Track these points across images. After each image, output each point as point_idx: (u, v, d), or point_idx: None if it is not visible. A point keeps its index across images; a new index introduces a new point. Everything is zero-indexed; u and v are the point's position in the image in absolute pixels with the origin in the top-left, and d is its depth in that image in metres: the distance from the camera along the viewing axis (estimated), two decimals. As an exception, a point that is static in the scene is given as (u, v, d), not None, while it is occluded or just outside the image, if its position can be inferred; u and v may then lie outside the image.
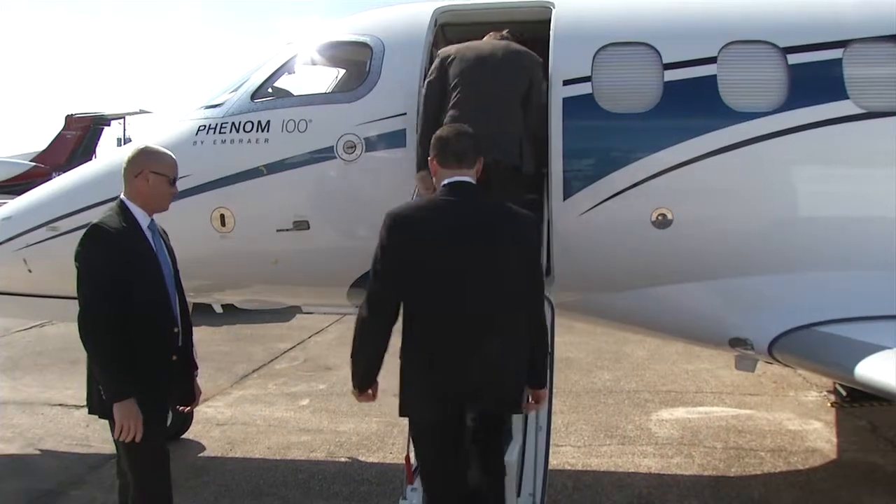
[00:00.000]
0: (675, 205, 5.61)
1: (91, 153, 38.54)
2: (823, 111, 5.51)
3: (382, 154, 5.78)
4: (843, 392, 8.33)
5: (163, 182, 4.26)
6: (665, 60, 5.64)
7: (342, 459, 7.17)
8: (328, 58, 6.49)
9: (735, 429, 7.83)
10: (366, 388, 4.08)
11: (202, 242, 5.96)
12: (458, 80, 5.22)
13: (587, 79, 5.66)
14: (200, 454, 7.26)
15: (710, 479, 6.62)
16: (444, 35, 6.35)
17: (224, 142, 5.93)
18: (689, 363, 10.30)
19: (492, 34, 5.59)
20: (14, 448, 7.50)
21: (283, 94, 6.24)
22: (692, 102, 5.66)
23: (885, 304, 5.39)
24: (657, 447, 7.35)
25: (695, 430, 7.79)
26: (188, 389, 4.53)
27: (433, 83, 5.34)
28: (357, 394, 4.10)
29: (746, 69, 5.66)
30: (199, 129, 6.02)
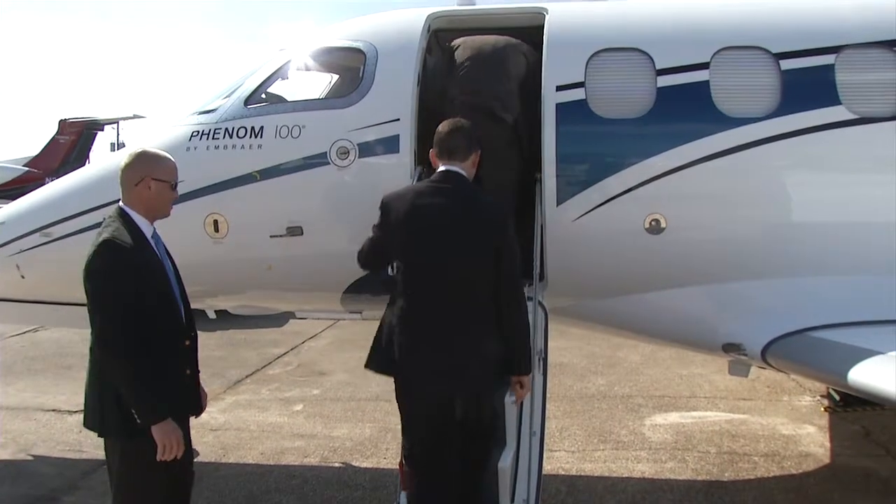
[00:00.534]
0: (669, 210, 5.61)
1: (84, 158, 38.62)
2: (816, 117, 5.52)
3: (376, 160, 5.76)
4: (837, 397, 8.36)
5: (165, 188, 4.10)
6: (658, 66, 5.65)
7: (336, 465, 7.17)
8: (321, 63, 6.47)
9: (729, 433, 7.84)
10: None
11: (195, 248, 5.94)
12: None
13: (580, 84, 5.67)
14: (194, 460, 7.21)
15: (704, 484, 6.63)
16: (438, 41, 6.36)
17: (217, 147, 5.91)
18: (683, 368, 10.30)
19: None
20: (6, 453, 7.48)
21: (277, 100, 6.23)
22: (685, 108, 5.67)
23: (879, 309, 5.40)
24: (651, 452, 7.36)
25: (688, 435, 7.79)
26: (197, 398, 4.44)
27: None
28: None
29: (739, 75, 5.66)
30: (193, 135, 6.00)
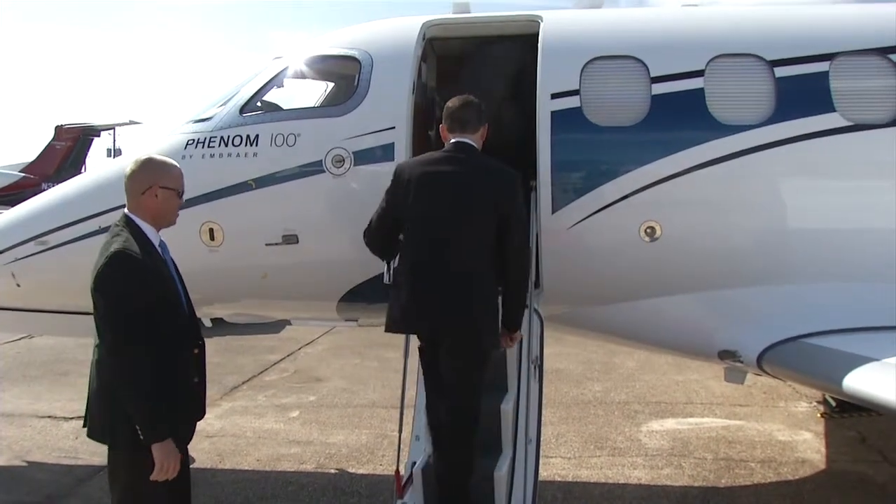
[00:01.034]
0: (664, 217, 5.62)
1: (81, 164, 38.64)
2: (810, 124, 5.53)
3: (371, 168, 5.76)
4: (833, 403, 8.37)
5: (172, 196, 4.05)
6: (653, 74, 5.66)
7: (332, 471, 7.17)
8: (317, 71, 6.47)
9: (725, 440, 7.85)
10: None
11: (191, 257, 5.90)
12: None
13: (575, 92, 5.67)
14: (190, 466, 7.21)
15: (701, 490, 6.63)
16: (433, 49, 6.36)
17: (213, 156, 5.91)
18: (679, 374, 10.32)
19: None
20: (2, 460, 7.48)
21: (272, 108, 6.24)
22: (680, 115, 5.67)
23: (874, 316, 5.41)
24: (647, 458, 7.36)
25: (685, 441, 7.80)
26: (204, 404, 4.39)
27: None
28: None
29: (734, 82, 5.67)
30: (188, 143, 6.00)
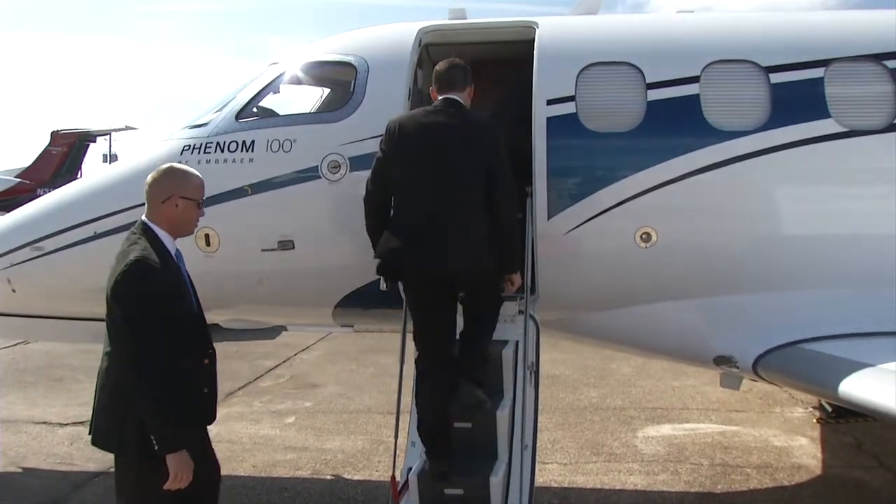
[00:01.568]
0: (659, 223, 5.62)
1: (77, 169, 38.62)
2: (805, 130, 5.54)
3: (367, 174, 5.75)
4: (829, 408, 8.35)
5: (192, 207, 4.06)
6: (648, 80, 5.67)
7: (327, 477, 7.16)
8: (313, 77, 6.48)
9: (721, 445, 7.85)
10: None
11: (186, 262, 5.93)
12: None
13: (571, 98, 5.68)
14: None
15: (697, 496, 6.64)
16: (429, 55, 6.37)
17: (209, 162, 5.90)
18: (675, 380, 10.31)
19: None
20: (-3, 467, 7.45)
21: (268, 114, 6.23)
22: (675, 121, 5.68)
23: (869, 322, 5.43)
24: (643, 464, 7.36)
25: (681, 447, 7.80)
26: (215, 410, 4.30)
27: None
28: None
29: (729, 88, 5.69)
30: (184, 149, 5.99)
